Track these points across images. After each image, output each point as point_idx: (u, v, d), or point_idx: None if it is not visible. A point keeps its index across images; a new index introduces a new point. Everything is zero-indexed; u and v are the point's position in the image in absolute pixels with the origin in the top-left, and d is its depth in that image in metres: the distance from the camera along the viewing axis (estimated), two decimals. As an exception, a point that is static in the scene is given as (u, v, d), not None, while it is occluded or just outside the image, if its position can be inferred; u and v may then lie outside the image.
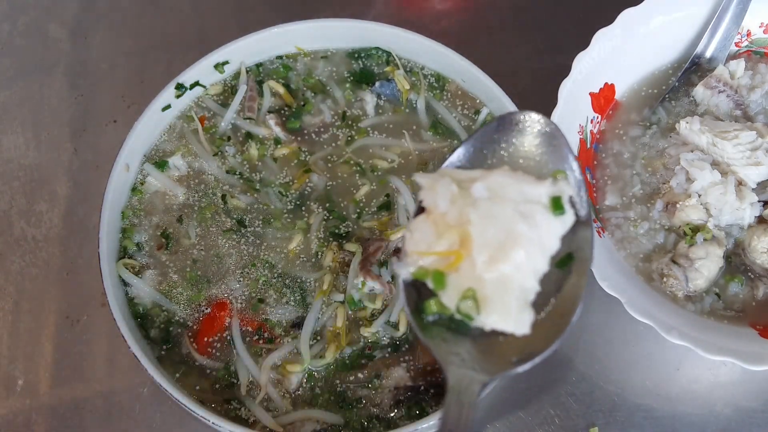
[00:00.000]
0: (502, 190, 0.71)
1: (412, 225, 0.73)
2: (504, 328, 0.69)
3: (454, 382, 0.68)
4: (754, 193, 0.99)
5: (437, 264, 0.71)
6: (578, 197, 0.75)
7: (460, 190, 0.71)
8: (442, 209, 0.71)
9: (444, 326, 0.72)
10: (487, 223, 0.69)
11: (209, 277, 0.98)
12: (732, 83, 1.08)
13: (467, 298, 0.69)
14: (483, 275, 0.68)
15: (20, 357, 1.07)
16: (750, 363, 0.89)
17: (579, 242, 0.74)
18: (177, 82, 1.04)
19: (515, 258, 0.68)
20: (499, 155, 0.79)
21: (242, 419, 0.90)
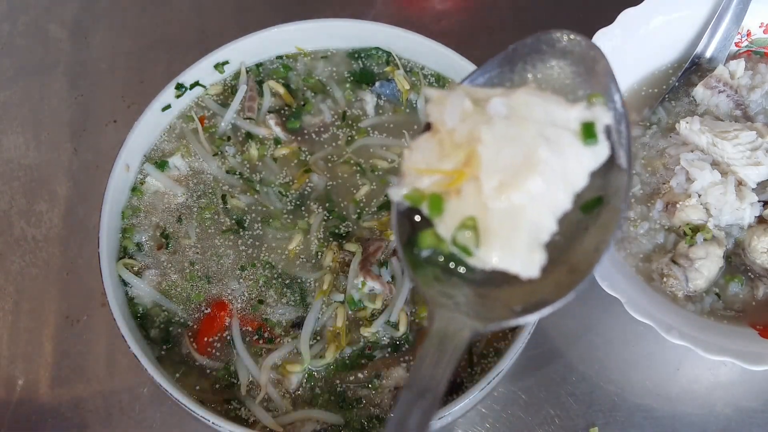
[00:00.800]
0: (524, 110, 0.61)
1: (414, 143, 0.64)
2: (508, 268, 0.60)
3: (439, 325, 0.60)
4: (754, 193, 0.99)
5: (436, 187, 0.62)
6: (617, 133, 0.65)
7: (475, 107, 0.62)
8: (450, 126, 0.62)
9: (440, 266, 0.63)
10: (501, 144, 0.59)
11: (209, 277, 0.98)
12: (732, 83, 1.08)
13: (466, 227, 0.60)
14: (489, 204, 0.59)
15: (20, 357, 1.07)
16: (750, 363, 0.89)
17: (612, 187, 0.64)
18: (177, 82, 1.04)
19: (531, 187, 0.58)
20: (526, 77, 0.69)
21: (242, 419, 0.90)
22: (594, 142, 0.62)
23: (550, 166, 0.59)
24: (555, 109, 0.61)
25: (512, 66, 0.69)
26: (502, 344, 0.92)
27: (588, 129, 0.62)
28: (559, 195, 0.61)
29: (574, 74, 0.68)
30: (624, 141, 0.65)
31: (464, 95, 0.62)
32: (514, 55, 0.69)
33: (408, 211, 0.64)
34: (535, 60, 0.68)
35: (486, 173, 0.59)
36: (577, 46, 0.67)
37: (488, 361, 0.92)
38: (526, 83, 0.68)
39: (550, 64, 0.68)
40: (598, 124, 0.62)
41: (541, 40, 0.68)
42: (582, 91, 0.67)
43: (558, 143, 0.60)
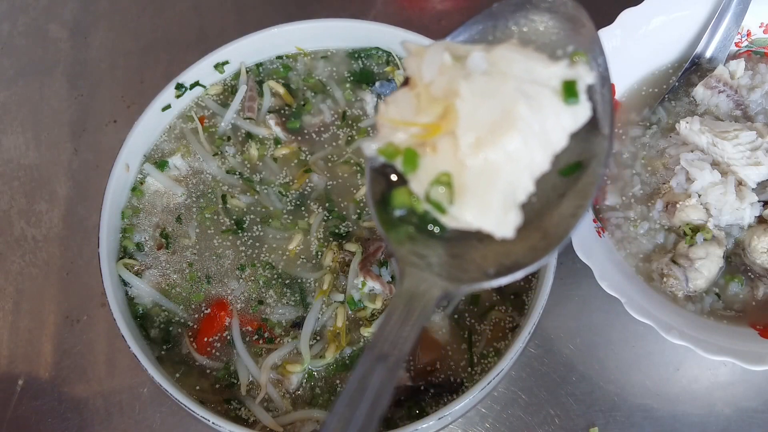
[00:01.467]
0: (504, 65, 0.60)
1: (390, 96, 0.62)
2: (481, 226, 0.58)
3: (409, 284, 0.59)
4: (754, 193, 0.99)
5: (411, 142, 0.60)
6: (600, 96, 0.63)
7: (455, 62, 0.60)
8: (428, 79, 0.60)
9: (413, 226, 0.62)
10: (479, 99, 0.58)
11: (209, 277, 0.98)
12: (732, 83, 1.08)
13: (440, 183, 0.59)
14: (465, 160, 0.57)
15: (20, 357, 1.07)
16: (750, 363, 0.89)
17: (592, 152, 0.63)
18: (177, 82, 1.04)
19: (508, 144, 0.57)
20: (510, 34, 0.67)
21: (242, 419, 0.90)
22: (575, 102, 0.60)
23: (529, 123, 0.58)
24: (536, 66, 0.60)
25: (495, 23, 0.68)
26: (502, 344, 0.92)
27: (569, 87, 0.60)
28: (537, 154, 0.59)
29: (558, 33, 0.66)
30: (606, 105, 0.63)
31: (443, 49, 0.61)
32: (498, 12, 0.68)
33: (382, 167, 0.63)
34: (519, 17, 0.67)
35: (463, 128, 0.57)
36: (562, 6, 0.66)
37: (488, 361, 0.92)
38: (509, 39, 0.67)
39: (534, 21, 0.67)
40: (580, 83, 0.61)
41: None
42: (565, 50, 0.66)
43: (538, 100, 0.58)
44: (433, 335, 0.94)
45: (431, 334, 0.94)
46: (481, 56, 0.59)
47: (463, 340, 0.94)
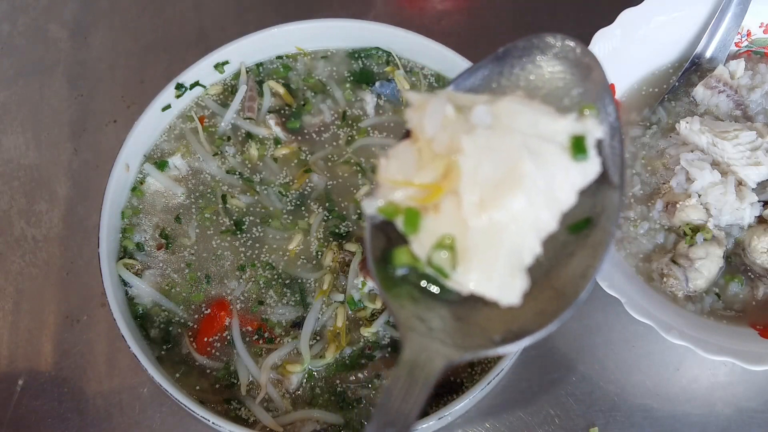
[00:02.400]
0: (509, 119, 0.57)
1: (392, 150, 0.60)
2: (486, 293, 0.56)
3: (410, 353, 0.56)
4: (754, 193, 0.99)
5: (412, 201, 0.58)
6: (610, 148, 0.60)
7: (458, 114, 0.58)
8: (430, 134, 0.58)
9: (415, 286, 0.59)
10: (483, 155, 0.55)
11: (209, 277, 0.98)
12: (732, 83, 1.08)
13: (443, 247, 0.56)
14: (469, 221, 0.55)
15: (20, 357, 1.07)
16: (750, 363, 0.89)
17: (603, 207, 0.59)
18: (177, 82, 1.04)
19: (513, 204, 0.54)
20: (516, 83, 0.64)
21: (242, 419, 0.90)
22: (584, 158, 0.57)
23: (535, 181, 0.55)
24: (543, 120, 0.57)
25: (501, 69, 0.65)
26: (502, 344, 0.92)
27: (578, 143, 0.57)
28: (543, 214, 0.56)
29: (566, 82, 0.63)
30: (617, 157, 0.60)
31: (446, 101, 0.58)
32: (504, 57, 0.65)
33: (383, 224, 0.60)
34: (526, 64, 0.64)
35: (466, 187, 0.55)
36: (571, 53, 0.63)
37: (488, 361, 0.92)
38: (515, 90, 0.64)
39: (542, 70, 0.64)
40: (589, 138, 0.58)
41: (534, 44, 0.64)
42: (573, 101, 0.62)
43: (544, 157, 0.55)
44: (433, 335, 0.94)
45: (431, 334, 0.94)
46: (484, 110, 0.57)
47: (463, 340, 0.94)
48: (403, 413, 0.55)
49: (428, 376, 0.55)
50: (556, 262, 0.59)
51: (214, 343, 0.94)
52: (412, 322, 0.57)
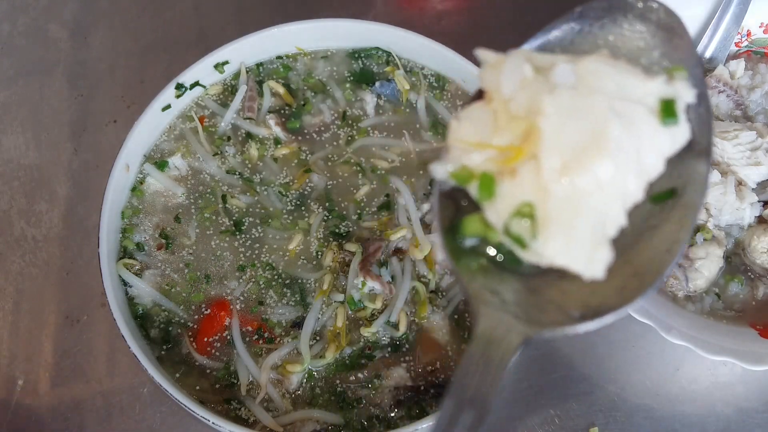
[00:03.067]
0: (594, 79, 0.53)
1: (463, 112, 0.56)
2: (569, 266, 0.52)
3: (484, 327, 0.52)
4: (754, 193, 0.99)
5: (487, 165, 0.54)
6: (696, 114, 0.56)
7: (536, 74, 0.54)
8: (507, 93, 0.54)
9: (486, 257, 0.56)
10: (566, 117, 0.51)
11: (209, 277, 0.98)
12: (732, 83, 1.08)
13: (522, 215, 0.52)
14: (550, 187, 0.51)
15: (20, 357, 1.07)
16: (750, 363, 0.89)
17: (687, 177, 0.56)
18: (177, 82, 1.04)
19: (599, 170, 0.50)
20: (594, 43, 0.60)
21: (242, 419, 0.90)
22: (674, 123, 0.53)
23: (622, 147, 0.51)
24: (630, 81, 0.53)
25: (580, 28, 0.61)
26: (502, 344, 0.92)
27: (668, 107, 0.53)
28: (630, 182, 0.52)
29: (647, 43, 0.59)
30: (704, 125, 0.56)
31: (524, 60, 0.54)
32: (581, 17, 0.61)
33: (451, 191, 0.56)
34: (606, 23, 0.60)
35: (547, 151, 0.51)
36: (653, 13, 0.59)
37: (488, 361, 0.92)
38: (596, 50, 0.60)
39: (623, 28, 0.59)
40: (680, 102, 0.54)
41: (612, 4, 0.60)
42: (656, 63, 0.59)
43: (631, 120, 0.51)
44: (433, 335, 0.94)
45: (431, 334, 0.94)
46: (568, 69, 0.53)
47: (463, 340, 0.94)
48: (481, 393, 0.51)
49: (505, 355, 0.51)
50: (638, 235, 0.55)
51: (214, 343, 0.94)
52: (485, 295, 0.54)
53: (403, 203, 1.00)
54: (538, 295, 0.55)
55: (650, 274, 0.54)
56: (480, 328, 0.52)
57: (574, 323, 0.52)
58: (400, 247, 0.98)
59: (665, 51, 0.59)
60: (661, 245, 0.55)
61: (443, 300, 0.96)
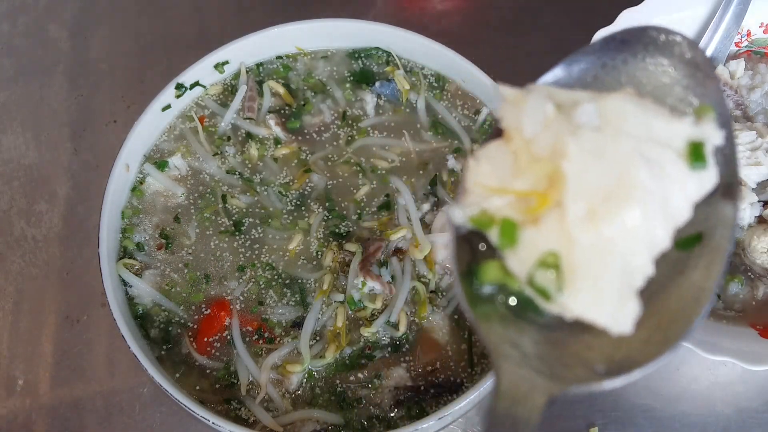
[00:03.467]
0: (619, 120, 0.51)
1: (482, 151, 0.54)
2: (595, 320, 0.49)
3: (507, 385, 0.50)
4: (754, 193, 0.99)
5: (509, 210, 0.51)
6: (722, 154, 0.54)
7: (559, 112, 0.52)
8: (529, 133, 0.51)
9: (504, 303, 0.53)
10: (591, 160, 0.49)
11: (209, 277, 0.98)
12: (732, 83, 1.08)
13: (547, 265, 0.49)
14: (575, 236, 0.48)
15: (20, 357, 1.07)
16: (750, 363, 0.89)
17: (714, 220, 0.53)
18: (177, 82, 1.04)
19: (627, 218, 0.48)
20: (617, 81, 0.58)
21: (242, 419, 0.90)
22: (702, 167, 0.51)
23: (650, 192, 0.48)
24: (656, 122, 0.51)
25: (601, 63, 0.58)
26: (502, 344, 0.92)
27: (696, 150, 0.51)
28: (657, 229, 0.50)
29: (675, 78, 0.57)
30: (731, 166, 0.54)
31: (546, 97, 0.52)
32: (601, 50, 0.58)
33: (468, 233, 0.54)
34: (628, 58, 0.58)
35: (572, 197, 0.48)
36: (677, 47, 0.57)
37: (488, 361, 0.92)
38: (617, 86, 0.58)
39: (646, 63, 0.58)
40: (708, 145, 0.52)
41: (635, 37, 0.58)
42: (682, 101, 0.57)
43: (659, 164, 0.49)
44: (433, 335, 0.94)
45: (431, 334, 0.94)
46: (592, 108, 0.51)
47: (463, 340, 0.94)
48: None
49: (531, 416, 0.49)
50: (663, 283, 0.53)
51: (214, 343, 0.94)
52: (505, 348, 0.51)
53: (403, 203, 1.00)
54: (560, 347, 0.52)
55: (677, 325, 0.51)
56: (503, 387, 0.50)
57: (599, 379, 0.50)
58: (400, 247, 0.98)
59: (690, 86, 0.57)
60: (687, 294, 0.52)
61: (443, 300, 0.96)
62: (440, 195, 1.02)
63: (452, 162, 1.03)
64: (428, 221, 0.99)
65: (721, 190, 0.54)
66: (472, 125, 1.07)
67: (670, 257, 0.52)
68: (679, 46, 0.57)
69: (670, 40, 0.57)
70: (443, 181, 1.03)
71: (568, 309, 0.50)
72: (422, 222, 0.99)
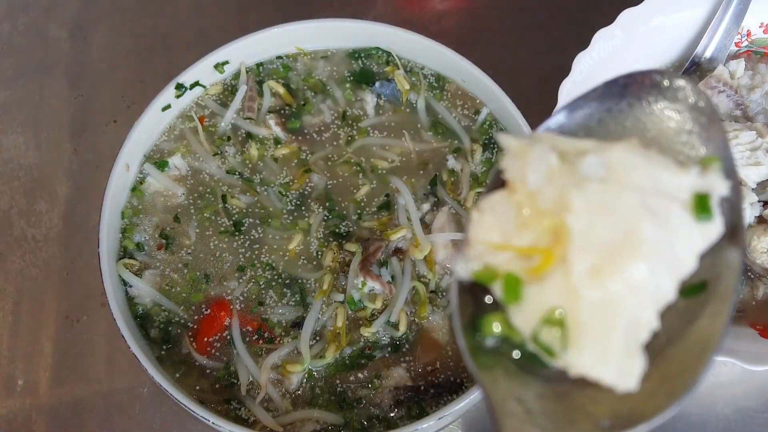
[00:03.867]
0: (624, 172, 0.49)
1: (485, 203, 0.52)
2: (600, 378, 0.48)
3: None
4: (754, 193, 0.99)
5: (513, 265, 0.50)
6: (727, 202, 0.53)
7: (563, 163, 0.51)
8: (533, 186, 0.50)
9: (506, 356, 0.52)
10: (596, 214, 0.48)
11: (209, 277, 0.98)
12: (732, 83, 1.08)
13: (552, 323, 0.48)
14: (580, 292, 0.48)
15: (20, 357, 1.07)
16: (750, 363, 0.89)
17: (719, 268, 0.52)
18: (177, 82, 1.04)
19: (633, 273, 0.47)
20: (621, 126, 0.57)
21: (242, 419, 0.90)
22: (708, 218, 0.50)
23: (656, 246, 0.47)
24: (662, 174, 0.50)
25: (605, 108, 0.57)
26: (502, 344, 0.92)
27: (702, 202, 0.50)
28: (664, 282, 0.49)
29: (681, 125, 0.56)
30: (735, 213, 0.52)
31: (550, 148, 0.51)
32: (604, 95, 0.57)
33: (470, 284, 0.53)
34: (633, 102, 0.57)
35: (577, 252, 0.47)
36: (681, 93, 0.56)
37: (488, 361, 0.92)
38: (622, 133, 0.56)
39: (651, 109, 0.56)
40: (714, 196, 0.51)
41: (638, 81, 0.57)
42: (692, 154, 0.55)
43: (665, 217, 0.48)
44: (433, 335, 0.94)
45: (431, 334, 0.94)
46: (596, 161, 0.49)
47: (463, 340, 0.93)
48: None
49: None
50: (668, 335, 0.51)
51: (214, 343, 0.94)
52: (509, 405, 0.50)
53: (403, 203, 1.01)
54: (565, 401, 0.51)
55: (683, 377, 0.50)
56: None
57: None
58: (400, 247, 0.98)
59: (695, 132, 0.56)
60: (693, 344, 0.51)
61: (443, 300, 0.96)
62: (440, 195, 1.02)
63: (452, 162, 1.03)
64: (428, 221, 0.99)
65: (727, 235, 0.53)
66: (472, 125, 1.07)
67: (675, 308, 0.51)
68: (683, 90, 0.56)
69: (674, 85, 0.56)
70: (443, 181, 1.03)
71: (573, 367, 0.49)
72: (422, 222, 0.99)
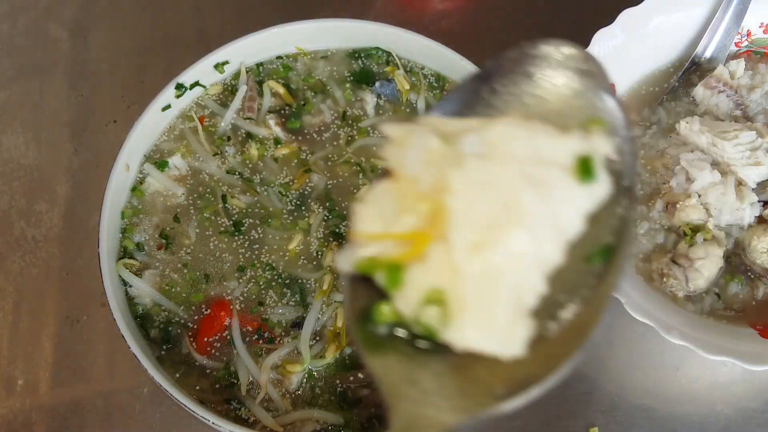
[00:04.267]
0: (505, 146, 0.50)
1: (368, 194, 0.53)
2: (483, 349, 0.49)
3: (399, 425, 0.48)
4: (754, 193, 0.99)
5: (395, 251, 0.50)
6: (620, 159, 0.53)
7: (446, 145, 0.51)
8: (412, 172, 0.51)
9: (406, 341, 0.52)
10: (475, 192, 0.48)
11: (209, 277, 0.98)
12: (732, 83, 1.08)
13: (431, 302, 0.49)
14: (462, 268, 0.48)
15: (20, 357, 1.07)
16: (750, 363, 0.89)
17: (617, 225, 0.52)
18: (177, 82, 1.04)
19: (512, 243, 0.48)
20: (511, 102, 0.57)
21: (242, 419, 0.90)
22: (590, 180, 0.51)
23: (536, 214, 0.48)
24: (543, 142, 0.50)
25: (492, 87, 0.57)
26: (502, 344, 0.92)
27: (584, 164, 0.50)
28: (547, 247, 0.49)
29: (566, 95, 0.56)
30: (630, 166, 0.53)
31: (429, 132, 0.51)
32: (493, 72, 0.57)
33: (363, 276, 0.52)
34: (520, 78, 0.57)
35: (456, 230, 0.48)
36: (570, 60, 0.56)
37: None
38: (512, 108, 0.56)
39: (539, 82, 0.56)
40: (597, 157, 0.51)
41: (527, 54, 0.57)
42: (577, 115, 0.55)
43: (545, 185, 0.49)
44: (433, 335, 0.94)
45: (431, 334, 0.94)
46: (475, 139, 0.50)
47: (463, 340, 0.94)
48: None
49: None
50: (570, 297, 0.52)
51: (214, 343, 0.94)
52: (401, 389, 0.50)
53: (403, 203, 1.00)
54: (464, 372, 0.51)
55: (576, 335, 0.51)
56: (397, 428, 0.48)
57: (500, 402, 0.49)
58: (400, 247, 0.98)
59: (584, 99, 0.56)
60: (595, 302, 0.52)
61: None
62: (440, 195, 1.01)
63: (452, 162, 1.03)
64: (428, 221, 0.99)
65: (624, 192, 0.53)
66: (472, 125, 1.07)
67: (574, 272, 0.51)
68: (573, 58, 0.56)
69: (564, 52, 0.56)
70: (443, 181, 1.03)
71: (457, 342, 0.49)
72: (422, 222, 0.98)
